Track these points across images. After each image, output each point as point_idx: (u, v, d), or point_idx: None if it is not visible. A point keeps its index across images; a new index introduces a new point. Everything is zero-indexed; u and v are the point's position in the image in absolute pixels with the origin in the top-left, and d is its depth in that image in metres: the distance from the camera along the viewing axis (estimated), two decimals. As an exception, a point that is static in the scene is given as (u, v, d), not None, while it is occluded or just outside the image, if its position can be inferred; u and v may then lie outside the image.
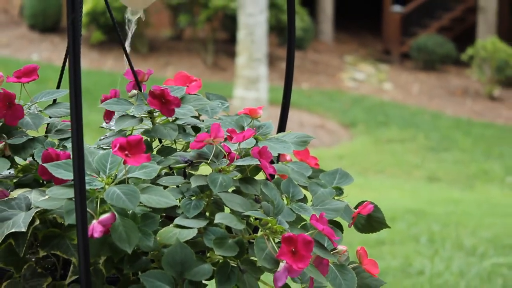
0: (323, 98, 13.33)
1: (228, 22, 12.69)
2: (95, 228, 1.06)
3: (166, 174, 1.27)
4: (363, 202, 1.32)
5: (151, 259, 1.15)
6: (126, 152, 1.11)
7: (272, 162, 1.27)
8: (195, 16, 11.71)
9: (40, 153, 1.24)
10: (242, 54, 9.38)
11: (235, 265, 1.15)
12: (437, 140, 11.66)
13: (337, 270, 1.21)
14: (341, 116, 12.54)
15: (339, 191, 1.34)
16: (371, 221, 1.34)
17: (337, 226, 1.30)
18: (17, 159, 1.29)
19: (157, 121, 1.32)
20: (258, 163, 1.24)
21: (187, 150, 1.32)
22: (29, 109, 1.34)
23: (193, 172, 1.28)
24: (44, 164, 1.15)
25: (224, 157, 1.26)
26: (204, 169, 1.27)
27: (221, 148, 1.26)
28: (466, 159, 11.02)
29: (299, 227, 1.25)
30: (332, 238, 1.20)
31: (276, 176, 1.29)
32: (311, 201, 1.31)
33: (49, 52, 11.89)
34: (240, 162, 1.25)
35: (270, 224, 1.16)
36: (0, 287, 1.14)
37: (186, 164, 1.28)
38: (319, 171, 1.39)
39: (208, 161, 1.26)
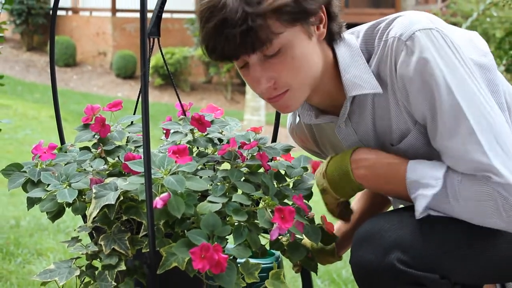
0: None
1: (241, 72, 12.63)
2: (157, 202, 1.07)
3: (202, 169, 1.27)
4: None
5: (192, 222, 1.15)
6: (177, 155, 1.12)
7: (268, 161, 1.28)
8: (220, 68, 11.68)
9: (123, 155, 1.25)
10: (249, 93, 9.33)
11: (245, 226, 1.15)
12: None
13: (309, 227, 1.21)
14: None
15: (305, 169, 1.33)
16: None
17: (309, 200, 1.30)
18: (109, 159, 1.30)
19: (196, 135, 1.33)
20: (260, 162, 1.25)
21: (215, 154, 1.33)
22: (116, 127, 1.34)
23: (219, 168, 1.29)
24: (125, 162, 1.16)
25: (238, 158, 1.27)
26: (226, 166, 1.28)
27: (236, 153, 1.27)
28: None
29: (284, 201, 1.25)
30: (305, 210, 1.21)
31: (270, 170, 1.29)
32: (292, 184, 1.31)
33: (128, 91, 11.88)
34: (248, 162, 1.26)
35: (267, 200, 1.17)
36: (98, 238, 1.15)
37: (215, 162, 1.29)
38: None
39: (230, 161, 1.27)
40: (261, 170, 1.29)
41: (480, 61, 1.22)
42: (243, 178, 1.22)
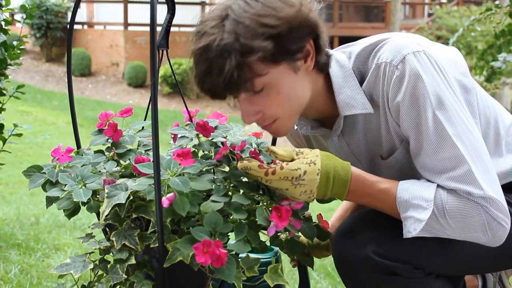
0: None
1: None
2: (164, 201, 1.07)
3: (206, 170, 1.25)
4: None
5: (196, 220, 1.15)
6: (181, 158, 1.12)
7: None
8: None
9: (133, 158, 1.25)
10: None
11: (245, 223, 1.14)
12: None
13: (305, 225, 1.21)
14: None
15: None
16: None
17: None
18: (121, 161, 1.30)
19: (201, 140, 1.33)
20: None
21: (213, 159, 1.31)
22: (128, 132, 1.34)
23: (221, 169, 1.28)
24: (136, 164, 1.16)
25: (235, 160, 1.25)
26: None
27: (232, 155, 1.26)
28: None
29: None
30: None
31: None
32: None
33: (139, 99, 11.88)
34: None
35: (265, 199, 1.17)
36: (110, 235, 1.15)
37: (214, 166, 1.27)
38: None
39: (227, 163, 1.26)
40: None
41: (461, 81, 1.23)
42: (243, 178, 1.21)
